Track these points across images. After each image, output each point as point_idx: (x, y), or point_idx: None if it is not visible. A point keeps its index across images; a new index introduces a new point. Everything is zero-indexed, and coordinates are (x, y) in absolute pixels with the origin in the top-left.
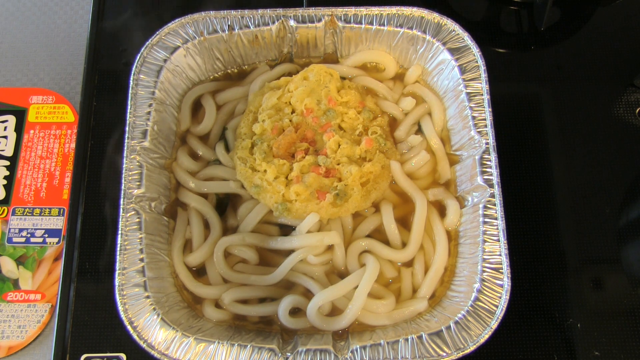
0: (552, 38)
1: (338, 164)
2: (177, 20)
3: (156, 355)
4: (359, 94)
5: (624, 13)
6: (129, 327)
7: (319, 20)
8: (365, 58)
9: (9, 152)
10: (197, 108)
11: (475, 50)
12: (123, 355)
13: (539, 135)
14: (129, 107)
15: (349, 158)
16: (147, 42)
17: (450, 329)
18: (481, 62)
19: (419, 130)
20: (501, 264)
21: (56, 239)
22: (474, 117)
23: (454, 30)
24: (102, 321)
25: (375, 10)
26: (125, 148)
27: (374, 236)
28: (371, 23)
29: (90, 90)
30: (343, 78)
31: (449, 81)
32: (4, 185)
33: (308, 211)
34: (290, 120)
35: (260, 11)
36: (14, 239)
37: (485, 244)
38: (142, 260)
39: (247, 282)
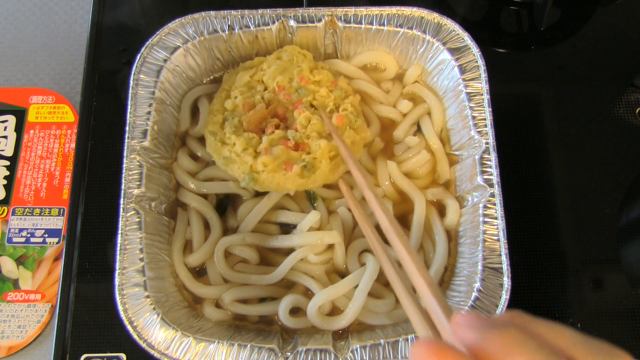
0: (552, 38)
1: (308, 139)
2: (177, 20)
3: (156, 354)
4: (332, 74)
5: (624, 13)
6: (128, 326)
7: (319, 20)
8: (366, 59)
9: (9, 152)
10: (197, 109)
11: (475, 50)
12: (123, 355)
13: (539, 135)
14: (129, 106)
15: (319, 133)
16: (147, 42)
17: None
18: (481, 62)
19: (419, 130)
20: (501, 263)
21: (56, 239)
22: (473, 117)
23: (453, 30)
24: (102, 321)
25: (375, 10)
26: (125, 148)
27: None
28: (371, 23)
29: (90, 90)
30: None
31: (449, 81)
32: (4, 185)
33: (275, 182)
34: (262, 98)
35: (260, 11)
36: (14, 239)
37: (485, 243)
38: (142, 260)
39: (248, 281)
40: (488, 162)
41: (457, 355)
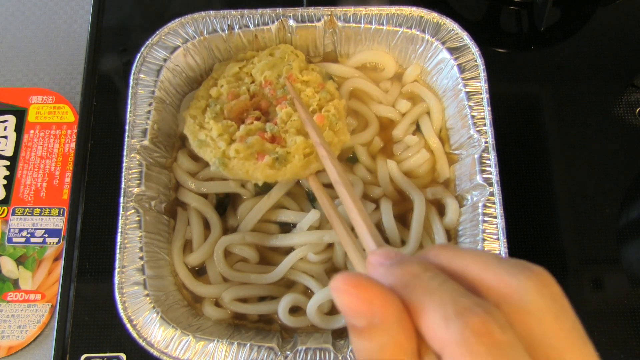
0: (552, 38)
1: (285, 133)
2: (177, 19)
3: (155, 353)
4: (322, 77)
5: (624, 13)
6: (128, 325)
7: (319, 19)
8: (366, 58)
9: (9, 152)
10: None
11: (474, 49)
12: (123, 355)
13: (539, 135)
14: (129, 106)
15: (298, 130)
16: (147, 42)
17: None
18: (480, 62)
19: (418, 130)
20: None
21: (56, 239)
22: (473, 116)
23: (453, 30)
24: (102, 321)
25: (374, 9)
26: (125, 147)
27: None
28: (370, 22)
29: (90, 90)
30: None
31: (448, 80)
32: (4, 185)
33: (244, 169)
34: (248, 90)
35: (260, 11)
36: (14, 239)
37: (485, 242)
38: (141, 258)
39: (247, 280)
40: (487, 162)
41: (374, 287)
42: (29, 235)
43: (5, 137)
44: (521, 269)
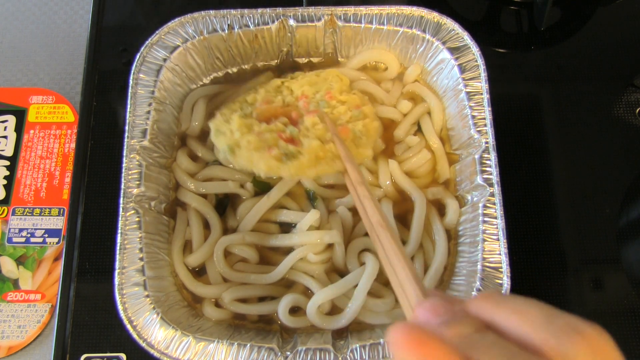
0: (552, 38)
1: (305, 138)
2: (176, 19)
3: (156, 354)
4: (360, 99)
5: (624, 13)
6: (128, 326)
7: (319, 19)
8: (369, 57)
9: (9, 152)
10: None
11: (474, 49)
12: (123, 355)
13: (539, 135)
14: (128, 106)
15: (320, 139)
16: (147, 42)
17: None
18: (481, 62)
19: (419, 130)
20: (501, 263)
21: (56, 239)
22: (473, 117)
23: (453, 30)
24: (102, 321)
25: (375, 9)
26: (125, 147)
27: None
28: (371, 22)
29: (90, 90)
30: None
31: (449, 80)
32: (4, 185)
33: (249, 158)
34: (283, 100)
35: (260, 10)
36: (14, 239)
37: (485, 243)
38: (141, 259)
39: (247, 281)
40: (488, 162)
41: (439, 347)
42: (29, 235)
43: (5, 137)
44: (569, 332)
